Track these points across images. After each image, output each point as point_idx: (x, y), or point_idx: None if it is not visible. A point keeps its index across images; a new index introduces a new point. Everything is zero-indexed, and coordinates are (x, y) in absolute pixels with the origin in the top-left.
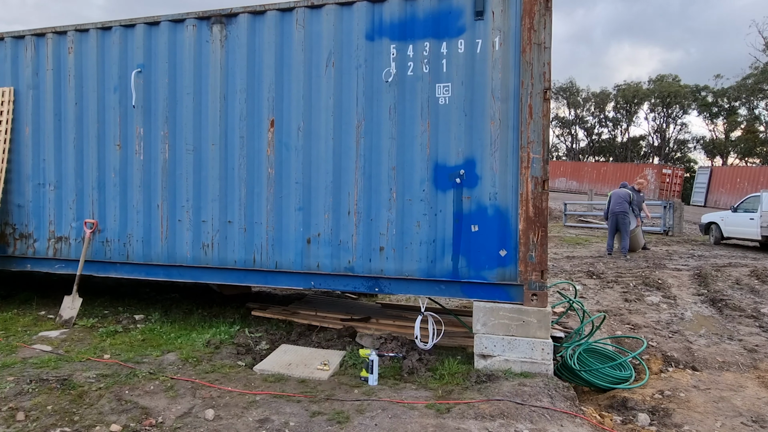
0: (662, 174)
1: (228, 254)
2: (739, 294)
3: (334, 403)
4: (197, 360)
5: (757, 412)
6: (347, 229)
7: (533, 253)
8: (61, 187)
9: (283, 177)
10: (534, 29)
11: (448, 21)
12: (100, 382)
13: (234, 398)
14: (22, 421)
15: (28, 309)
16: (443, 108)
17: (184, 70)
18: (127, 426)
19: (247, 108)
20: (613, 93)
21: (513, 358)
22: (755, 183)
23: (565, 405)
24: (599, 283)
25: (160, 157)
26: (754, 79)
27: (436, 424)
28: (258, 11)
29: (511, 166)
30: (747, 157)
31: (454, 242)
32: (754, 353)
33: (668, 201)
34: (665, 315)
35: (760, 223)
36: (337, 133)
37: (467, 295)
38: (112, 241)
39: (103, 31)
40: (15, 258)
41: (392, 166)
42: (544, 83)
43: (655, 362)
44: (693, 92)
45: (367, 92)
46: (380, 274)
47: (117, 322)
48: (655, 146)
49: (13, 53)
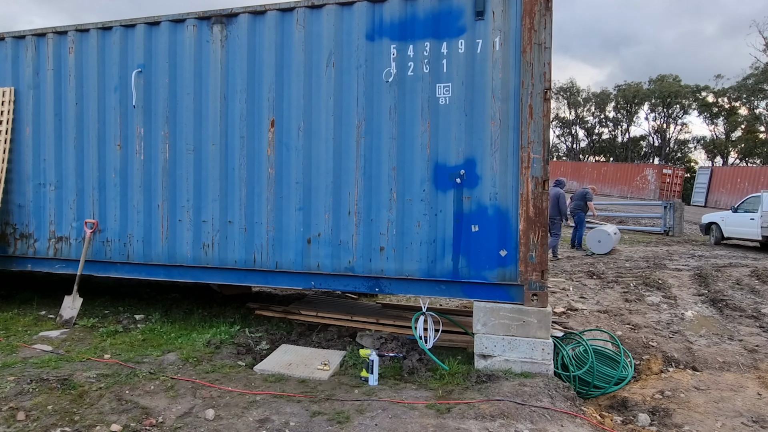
0: (663, 174)
1: (228, 254)
2: (739, 294)
3: (335, 403)
4: (197, 360)
5: (757, 413)
6: (347, 229)
7: (533, 253)
8: (61, 187)
9: (283, 177)
10: (534, 29)
11: (449, 21)
12: (101, 382)
13: (234, 398)
14: (22, 420)
15: (28, 309)
16: (443, 108)
17: (185, 70)
18: (127, 426)
19: (247, 108)
20: (613, 93)
21: (513, 358)
22: (756, 183)
23: (565, 405)
24: (599, 283)
25: (161, 157)
26: (755, 79)
27: (437, 424)
28: (258, 11)
29: (511, 166)
30: (747, 158)
31: (454, 242)
32: (755, 353)
33: (668, 201)
34: (665, 315)
35: (760, 224)
36: (337, 133)
37: (467, 296)
38: (113, 241)
39: (104, 31)
40: (16, 258)
41: (392, 166)
42: (544, 83)
43: (655, 362)
44: (693, 92)
45: (367, 92)
46: (380, 274)
47: (117, 321)
48: (656, 146)
49: (14, 53)
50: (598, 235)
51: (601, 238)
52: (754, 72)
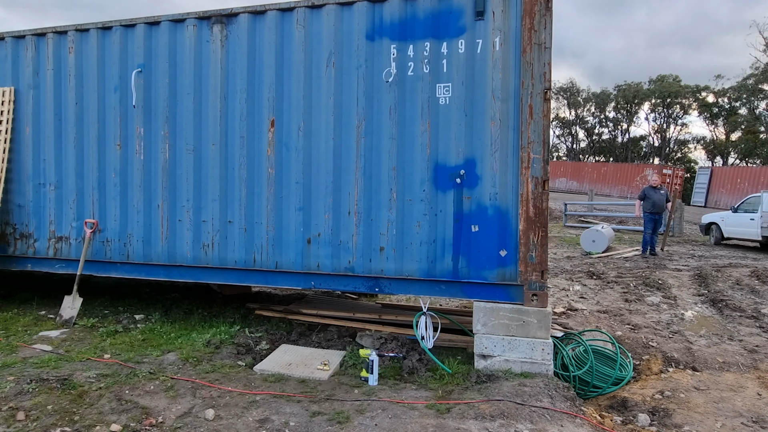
0: (663, 174)
1: (228, 254)
2: (739, 294)
3: (334, 403)
4: (197, 360)
5: (757, 413)
6: (347, 229)
7: (533, 253)
8: (61, 186)
9: (283, 177)
10: (534, 29)
11: (449, 21)
12: (101, 382)
13: (234, 398)
14: (22, 420)
15: (28, 309)
16: (443, 108)
17: (185, 70)
18: (127, 426)
19: (247, 108)
20: (613, 93)
21: (513, 358)
22: (756, 183)
23: (565, 405)
24: (599, 283)
25: (161, 156)
26: (755, 80)
27: (436, 424)
28: (258, 11)
29: (511, 166)
30: (747, 158)
31: (454, 242)
32: (755, 354)
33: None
34: (665, 315)
35: (760, 224)
36: (337, 133)
37: (467, 296)
38: (113, 240)
39: (104, 31)
40: (15, 258)
41: (392, 166)
42: (544, 83)
43: (655, 362)
44: (693, 92)
45: (367, 92)
46: (380, 274)
47: (117, 321)
48: (656, 146)
49: (14, 53)
50: (591, 235)
51: (595, 237)
52: (754, 72)
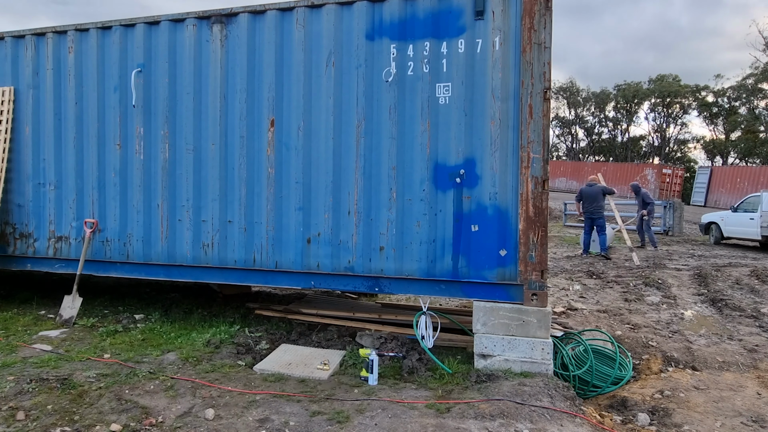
0: (662, 174)
1: (228, 254)
2: (739, 294)
3: (334, 403)
4: (197, 359)
5: (757, 412)
6: (347, 228)
7: (533, 252)
8: (61, 186)
9: (283, 177)
10: (534, 29)
11: (448, 21)
12: (100, 382)
13: (234, 398)
14: (22, 420)
15: (28, 308)
16: (443, 108)
17: (184, 70)
18: (127, 425)
19: (247, 108)
20: (613, 93)
21: (513, 357)
22: (755, 183)
23: (565, 405)
24: (599, 282)
25: (160, 156)
26: (754, 79)
27: (436, 423)
28: (258, 11)
29: (511, 165)
30: (747, 157)
31: (454, 242)
32: (754, 353)
33: (668, 201)
34: (665, 315)
35: (760, 223)
36: (337, 133)
37: (467, 295)
38: (112, 240)
39: (103, 31)
40: (15, 257)
41: (392, 165)
42: (544, 83)
43: (654, 362)
44: (693, 92)
45: (367, 92)
46: (380, 274)
47: (117, 321)
48: (656, 146)
49: (14, 53)
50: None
51: (595, 236)
52: (753, 72)
